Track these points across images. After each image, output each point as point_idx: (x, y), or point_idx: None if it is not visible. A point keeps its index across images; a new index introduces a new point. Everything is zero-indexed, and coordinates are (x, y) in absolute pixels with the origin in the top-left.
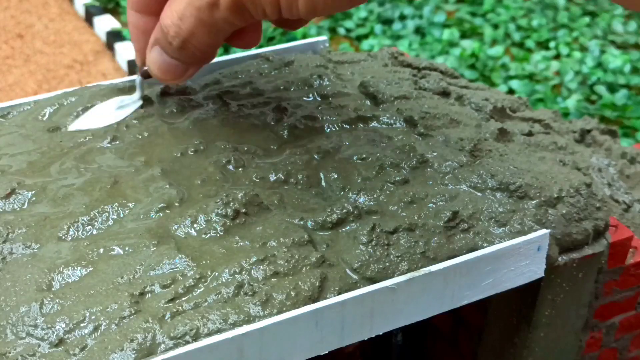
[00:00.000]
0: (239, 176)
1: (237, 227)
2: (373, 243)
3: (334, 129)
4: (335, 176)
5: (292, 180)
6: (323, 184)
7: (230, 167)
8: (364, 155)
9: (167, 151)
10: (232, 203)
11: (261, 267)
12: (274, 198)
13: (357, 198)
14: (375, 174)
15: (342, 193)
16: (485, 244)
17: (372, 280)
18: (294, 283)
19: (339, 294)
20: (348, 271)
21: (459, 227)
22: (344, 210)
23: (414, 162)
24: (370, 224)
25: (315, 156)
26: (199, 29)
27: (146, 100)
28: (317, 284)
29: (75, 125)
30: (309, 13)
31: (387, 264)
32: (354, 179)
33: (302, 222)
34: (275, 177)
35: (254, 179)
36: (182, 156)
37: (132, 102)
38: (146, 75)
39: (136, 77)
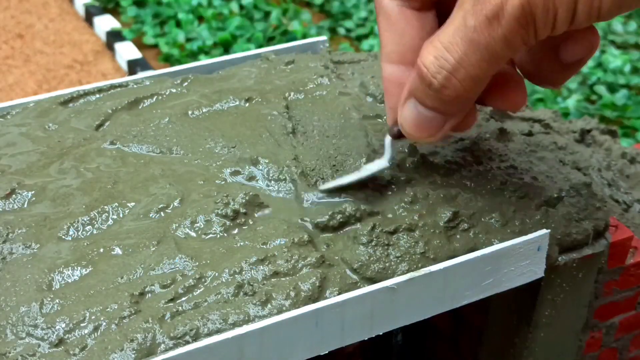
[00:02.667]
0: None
1: (237, 227)
2: (373, 243)
3: None
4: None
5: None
6: None
7: (232, 169)
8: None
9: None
10: (232, 203)
11: (261, 267)
12: (275, 198)
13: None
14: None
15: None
16: (485, 244)
17: (372, 281)
18: (294, 283)
19: (339, 294)
20: (348, 271)
21: (459, 227)
22: (346, 214)
23: (414, 162)
24: (370, 224)
25: None
26: (469, 56)
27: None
28: (317, 284)
29: (325, 186)
30: (615, 8)
31: (387, 264)
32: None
33: (302, 223)
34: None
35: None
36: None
37: (378, 167)
38: (397, 135)
39: (387, 139)
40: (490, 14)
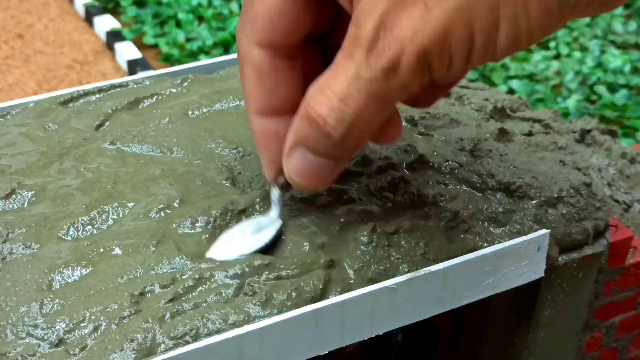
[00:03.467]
0: (241, 178)
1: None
2: (373, 244)
3: None
4: None
5: None
6: None
7: (232, 169)
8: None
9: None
10: (232, 204)
11: (262, 267)
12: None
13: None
14: (376, 175)
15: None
16: (485, 244)
17: (373, 282)
18: (296, 284)
19: (340, 294)
20: (349, 272)
21: (460, 228)
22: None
23: (415, 162)
24: (371, 224)
25: None
26: (371, 107)
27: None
28: (321, 286)
29: (211, 253)
30: (510, 45)
31: (387, 265)
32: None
33: (303, 223)
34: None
35: (255, 180)
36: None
37: (271, 223)
38: (285, 187)
39: (273, 193)
40: (387, 66)
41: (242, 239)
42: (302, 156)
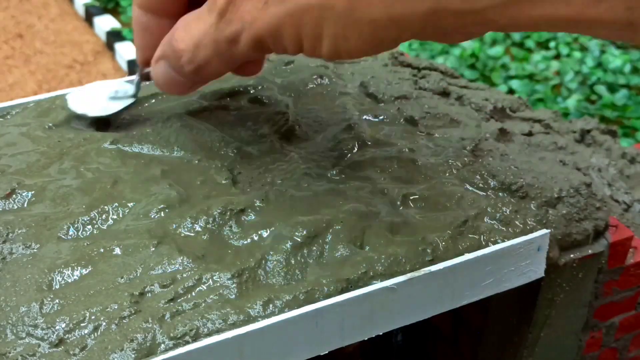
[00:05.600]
0: (241, 178)
1: (237, 227)
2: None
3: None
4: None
5: (294, 181)
6: None
7: (232, 169)
8: (366, 156)
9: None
10: (232, 203)
11: (262, 267)
12: (276, 199)
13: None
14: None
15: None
16: (487, 244)
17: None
18: (297, 284)
19: (340, 294)
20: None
21: (465, 228)
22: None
23: (416, 163)
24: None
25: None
26: (215, 60)
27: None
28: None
29: (71, 103)
30: (332, 55)
31: (390, 261)
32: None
33: (305, 223)
34: (276, 179)
35: (255, 180)
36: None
37: (125, 97)
38: (146, 78)
39: (135, 76)
40: (230, 37)
41: (100, 100)
42: (164, 68)
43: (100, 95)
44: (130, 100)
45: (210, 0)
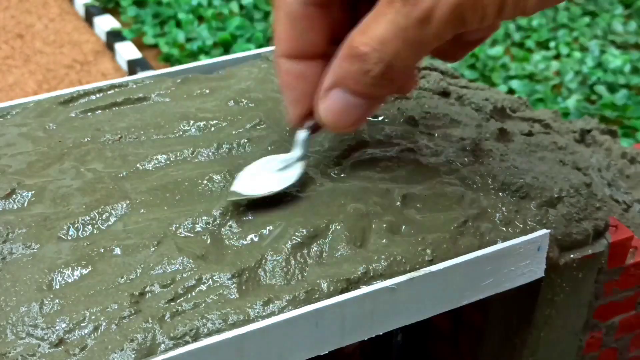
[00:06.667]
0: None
1: (237, 227)
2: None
3: None
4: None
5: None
6: None
7: (233, 168)
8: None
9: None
10: (232, 204)
11: (262, 267)
12: (277, 200)
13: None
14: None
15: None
16: (487, 245)
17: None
18: (297, 284)
19: (341, 294)
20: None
21: (465, 228)
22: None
23: (416, 163)
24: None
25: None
26: (404, 50)
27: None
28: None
29: (236, 187)
30: (540, 4)
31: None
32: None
33: (305, 223)
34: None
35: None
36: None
37: (295, 162)
38: (314, 129)
39: (299, 134)
40: (421, 16)
41: (267, 175)
42: (339, 96)
43: (269, 173)
44: (304, 163)
45: None
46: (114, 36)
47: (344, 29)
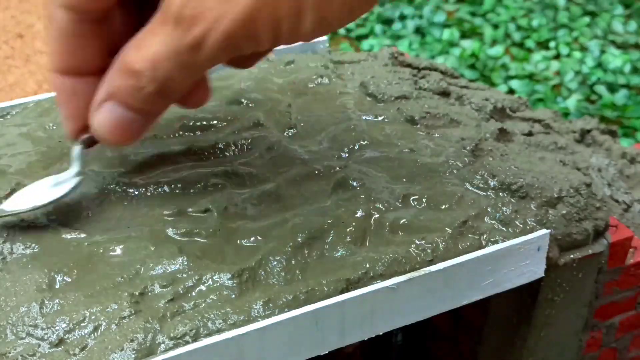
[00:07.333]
0: (240, 178)
1: (237, 227)
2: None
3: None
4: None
5: (294, 181)
6: None
7: (231, 169)
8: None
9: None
10: (233, 204)
11: (262, 267)
12: (277, 199)
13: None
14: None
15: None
16: (487, 245)
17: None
18: (297, 284)
19: (341, 294)
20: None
21: (465, 229)
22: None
23: (416, 163)
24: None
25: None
26: (178, 73)
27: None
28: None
29: (4, 205)
30: (316, 28)
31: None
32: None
33: (305, 223)
34: (276, 179)
35: (256, 181)
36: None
37: (70, 178)
38: (90, 143)
39: (74, 150)
40: (192, 43)
41: (39, 192)
42: (112, 109)
43: (41, 190)
44: (78, 179)
45: (162, 10)
46: None
47: (124, 38)
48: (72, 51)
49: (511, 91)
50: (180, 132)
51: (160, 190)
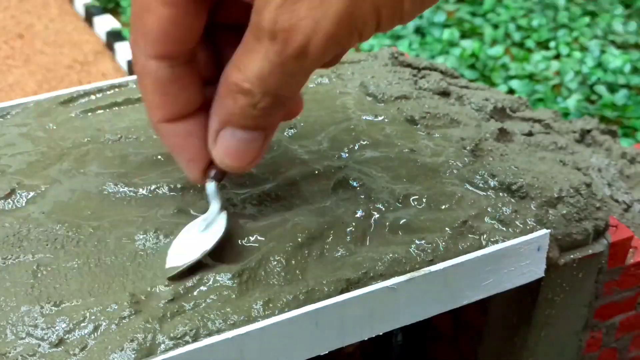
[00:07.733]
0: (240, 178)
1: (238, 227)
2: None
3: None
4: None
5: (296, 181)
6: None
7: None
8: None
9: None
10: (233, 205)
11: (262, 267)
12: (277, 199)
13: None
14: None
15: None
16: (487, 244)
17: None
18: (297, 284)
19: (341, 294)
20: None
21: (465, 229)
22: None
23: (416, 163)
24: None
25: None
26: (288, 80)
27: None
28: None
29: (170, 263)
30: (416, 10)
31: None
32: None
33: (305, 223)
34: (276, 179)
35: (256, 181)
36: None
37: (217, 216)
38: (220, 178)
39: (208, 188)
40: (295, 53)
41: (194, 240)
42: (232, 135)
43: (195, 238)
44: (224, 214)
45: (252, 29)
46: (114, 36)
47: (210, 67)
48: (175, 96)
49: (511, 91)
50: None
51: (160, 190)
